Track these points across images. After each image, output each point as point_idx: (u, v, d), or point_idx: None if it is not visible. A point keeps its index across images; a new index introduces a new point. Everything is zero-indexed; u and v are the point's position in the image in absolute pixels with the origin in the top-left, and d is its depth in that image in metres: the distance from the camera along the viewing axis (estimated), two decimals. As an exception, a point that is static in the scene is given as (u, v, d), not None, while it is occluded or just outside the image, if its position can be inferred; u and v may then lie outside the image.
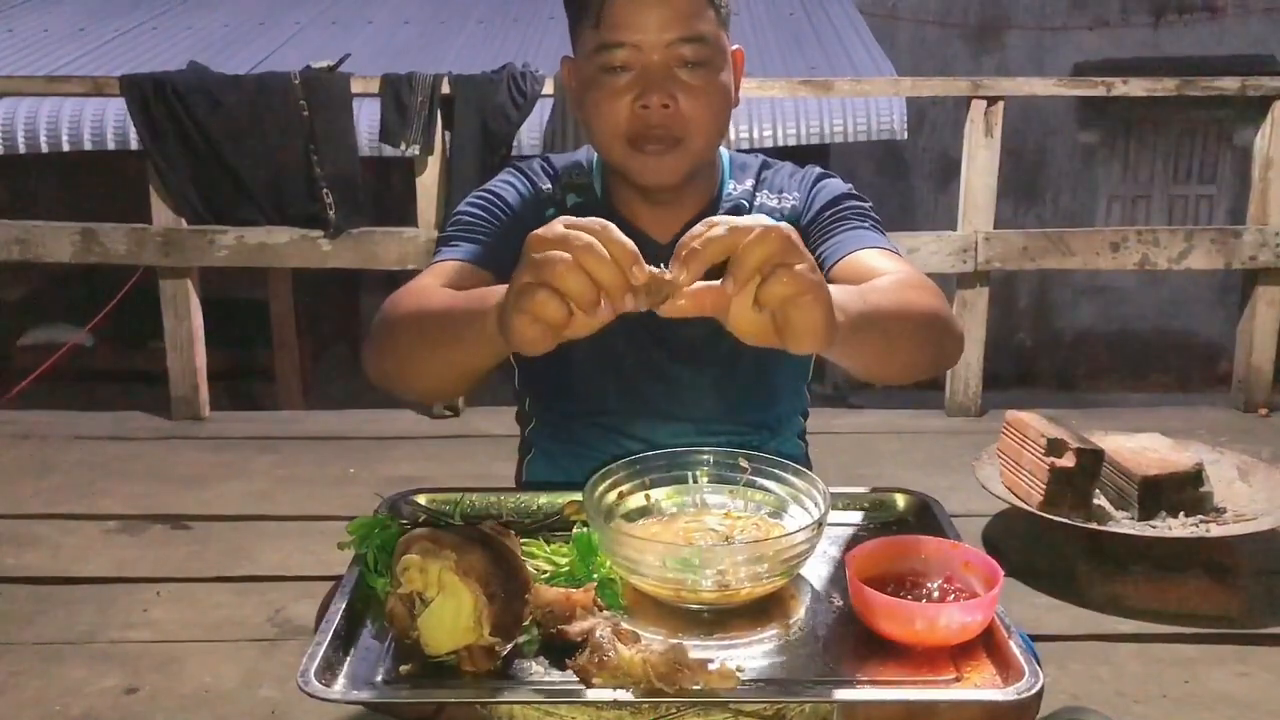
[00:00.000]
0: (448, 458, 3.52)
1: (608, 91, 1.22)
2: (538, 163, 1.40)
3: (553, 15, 6.56)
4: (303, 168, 3.71)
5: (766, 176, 1.40)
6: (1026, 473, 2.55)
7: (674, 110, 1.21)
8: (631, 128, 1.22)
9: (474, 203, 1.34)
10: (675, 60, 1.21)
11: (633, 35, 1.20)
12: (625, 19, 1.19)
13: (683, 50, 1.20)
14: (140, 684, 2.19)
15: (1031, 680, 0.87)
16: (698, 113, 1.22)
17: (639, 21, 1.19)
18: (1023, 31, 7.92)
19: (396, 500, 1.20)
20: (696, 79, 1.22)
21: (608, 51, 1.21)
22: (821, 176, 1.40)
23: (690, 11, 1.20)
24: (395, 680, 0.90)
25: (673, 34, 1.20)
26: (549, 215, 1.28)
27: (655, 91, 1.20)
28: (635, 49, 1.20)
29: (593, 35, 1.22)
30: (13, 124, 4.71)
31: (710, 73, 1.23)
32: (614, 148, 1.25)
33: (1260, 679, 2.20)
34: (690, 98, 1.21)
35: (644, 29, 1.19)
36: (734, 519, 1.13)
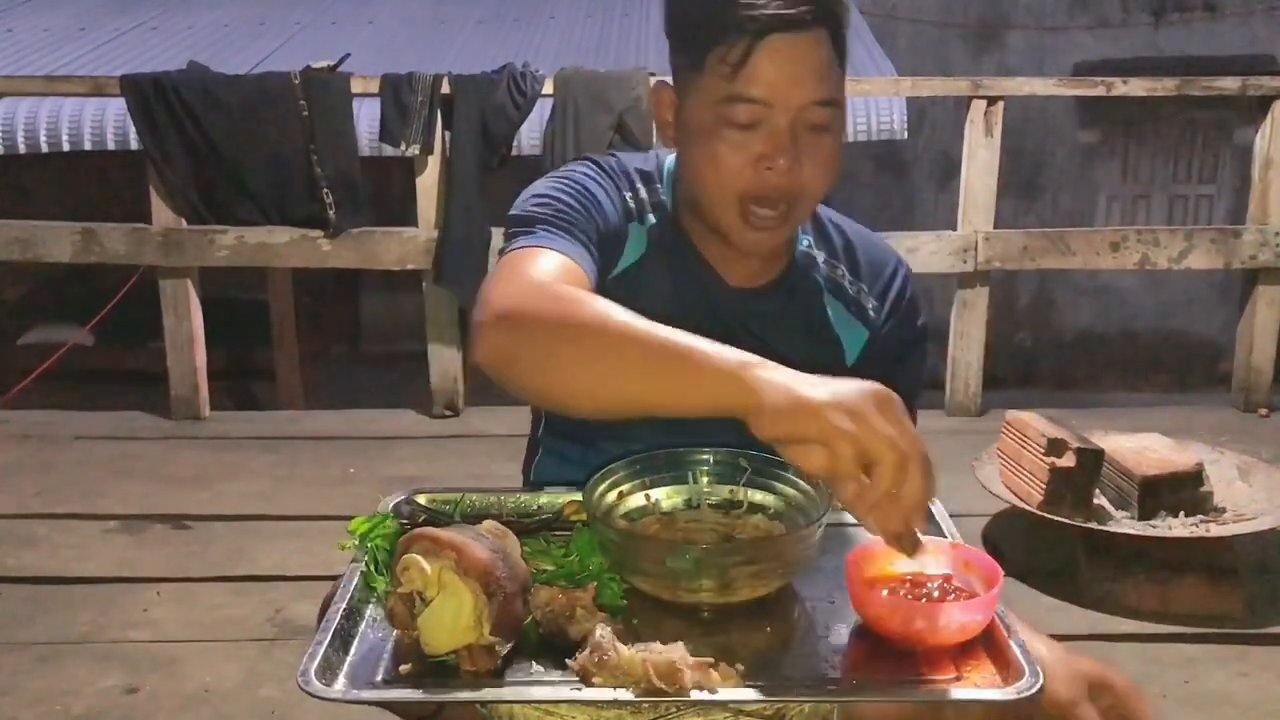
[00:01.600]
0: (448, 458, 3.52)
1: (732, 146, 1.16)
2: (615, 164, 1.32)
3: (553, 15, 6.56)
4: (303, 168, 3.71)
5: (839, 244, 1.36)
6: (1026, 473, 2.55)
7: (795, 175, 1.16)
8: (751, 188, 1.17)
9: (567, 192, 1.25)
10: (803, 122, 1.15)
11: (771, 94, 1.13)
12: (767, 76, 1.13)
13: (814, 115, 1.15)
14: (140, 684, 2.19)
15: (1031, 680, 0.87)
16: (815, 177, 1.18)
17: (781, 81, 1.13)
18: (1023, 31, 7.92)
19: (396, 500, 1.20)
20: (820, 143, 1.17)
21: (738, 105, 1.14)
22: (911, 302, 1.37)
23: (827, 74, 1.16)
24: (395, 680, 0.90)
25: (810, 98, 1.14)
26: (633, 231, 1.28)
27: (783, 155, 1.15)
28: (767, 107, 1.14)
29: (722, 84, 1.14)
30: (13, 124, 4.71)
31: (833, 137, 1.19)
32: (725, 204, 1.19)
33: (1260, 679, 2.20)
34: (811, 162, 1.17)
35: (784, 89, 1.13)
36: (734, 519, 1.13)
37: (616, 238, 1.27)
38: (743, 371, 0.92)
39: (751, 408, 0.91)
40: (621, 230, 1.27)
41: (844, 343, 1.34)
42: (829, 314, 1.34)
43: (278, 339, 6.02)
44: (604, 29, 6.26)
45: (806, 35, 1.13)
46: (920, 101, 6.73)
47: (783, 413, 0.89)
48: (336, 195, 3.72)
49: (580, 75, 3.80)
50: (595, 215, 1.24)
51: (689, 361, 0.95)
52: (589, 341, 1.00)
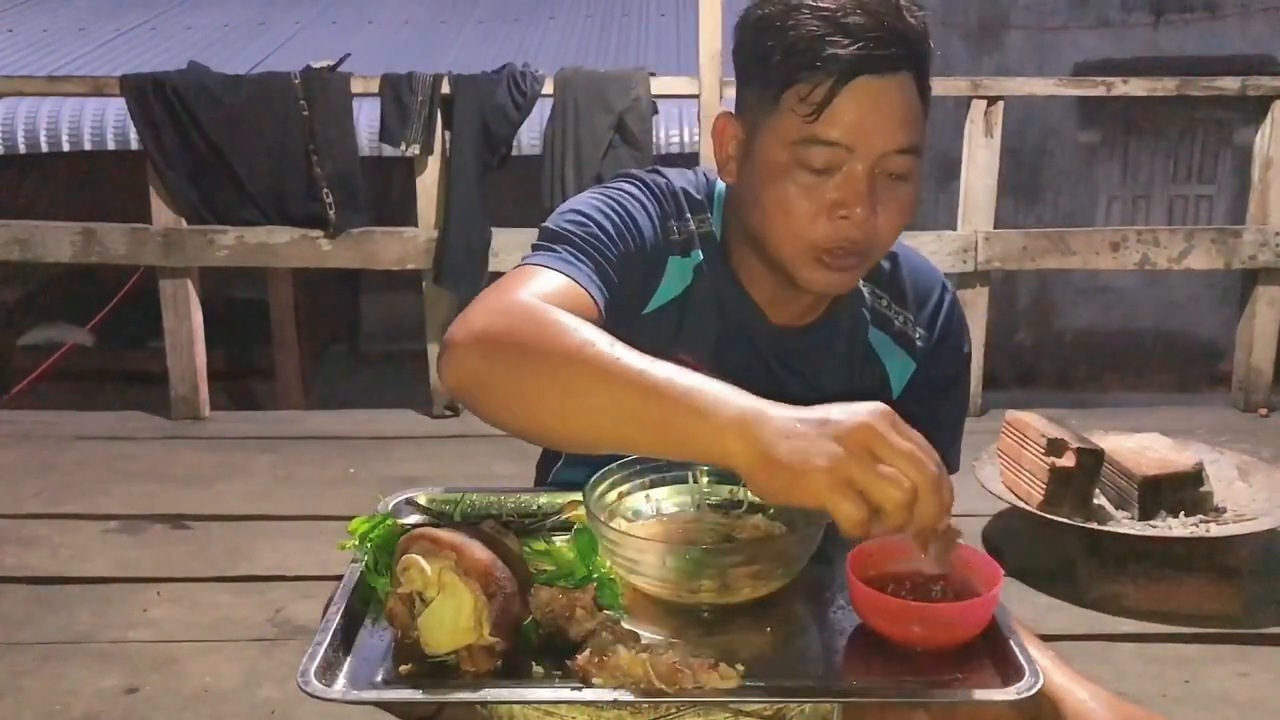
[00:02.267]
0: (448, 458, 3.52)
1: (805, 191, 1.09)
2: (666, 186, 1.24)
3: (553, 15, 6.56)
4: (303, 168, 3.71)
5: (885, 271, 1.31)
6: (1026, 473, 2.55)
7: (871, 224, 1.10)
8: (825, 237, 1.10)
9: (609, 215, 1.17)
10: (882, 169, 1.09)
11: (852, 139, 1.06)
12: (849, 119, 1.06)
13: (894, 162, 1.09)
14: (140, 684, 2.19)
15: (1031, 680, 0.87)
16: (890, 226, 1.12)
17: (864, 125, 1.06)
18: (1023, 31, 7.92)
19: (396, 500, 1.20)
20: (898, 192, 1.11)
21: (816, 148, 1.07)
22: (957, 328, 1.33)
23: (912, 121, 1.09)
24: (395, 680, 0.89)
25: (892, 145, 1.08)
26: (673, 264, 1.21)
27: (860, 204, 1.08)
28: (848, 151, 1.07)
29: (800, 124, 1.07)
30: (13, 124, 4.72)
31: (912, 186, 1.12)
32: (794, 249, 1.13)
33: (1260, 679, 2.20)
34: (888, 210, 1.11)
35: (866, 136, 1.06)
36: (734, 519, 1.13)
37: (652, 269, 1.21)
38: (735, 429, 0.85)
39: (743, 470, 0.85)
40: (659, 261, 1.21)
41: (890, 373, 1.31)
42: (873, 345, 1.30)
43: (278, 339, 6.02)
44: (604, 29, 6.26)
45: (893, 78, 1.07)
46: (920, 101, 6.72)
47: (776, 481, 0.83)
48: (336, 195, 3.72)
49: (580, 75, 3.80)
50: (631, 243, 1.17)
51: (683, 408, 0.88)
52: (568, 372, 0.92)
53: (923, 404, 1.30)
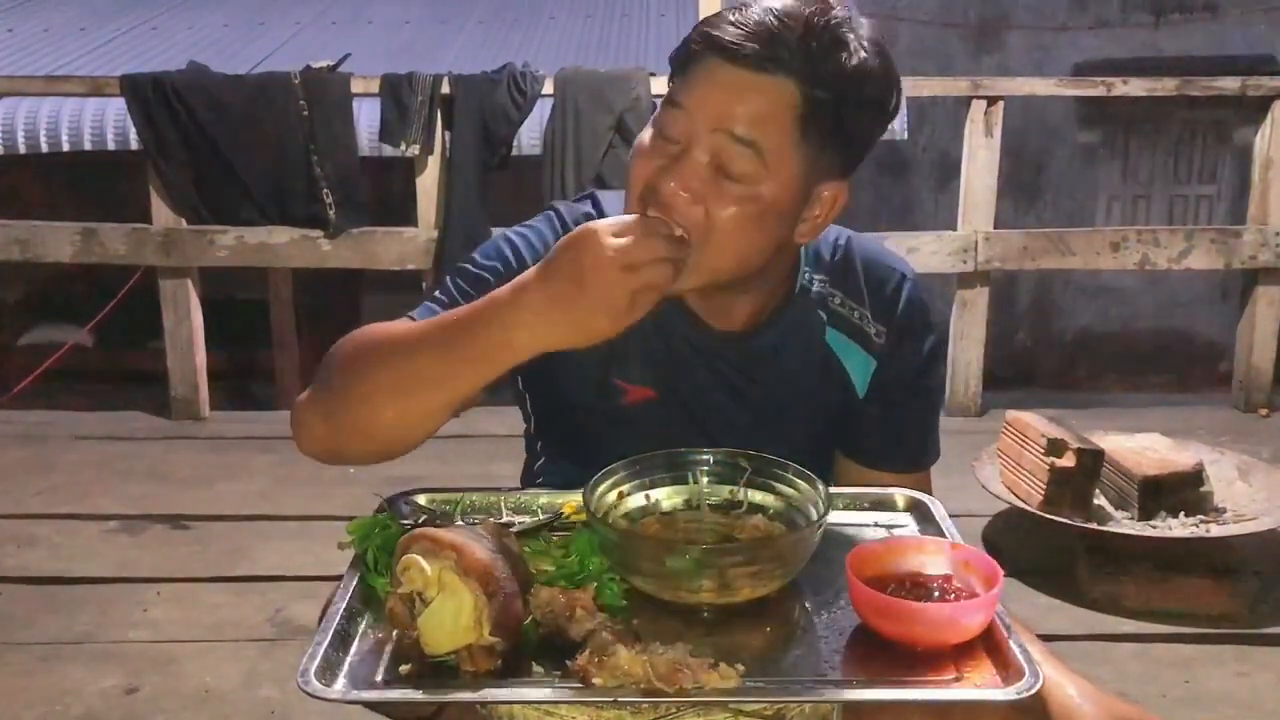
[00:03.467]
0: (448, 458, 3.49)
1: (648, 152, 1.11)
2: (585, 214, 1.25)
3: (553, 15, 6.56)
4: (303, 168, 3.71)
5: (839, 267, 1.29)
6: (1026, 473, 2.55)
7: (691, 210, 1.07)
8: (639, 197, 1.10)
9: (491, 262, 1.22)
10: (722, 159, 1.07)
11: (691, 105, 1.08)
12: (695, 89, 1.08)
13: (733, 152, 1.07)
14: (140, 684, 2.19)
15: (1031, 680, 0.87)
16: (721, 227, 1.08)
17: (705, 97, 1.08)
18: (1023, 31, 7.91)
19: (396, 500, 1.20)
20: (732, 192, 1.08)
21: (667, 108, 1.11)
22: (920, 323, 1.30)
23: (762, 115, 1.06)
24: (395, 680, 0.89)
25: (725, 125, 1.06)
26: None
27: (677, 177, 1.07)
28: (688, 119, 1.08)
29: (669, 87, 1.14)
30: (13, 124, 4.71)
31: (752, 195, 1.08)
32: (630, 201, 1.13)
33: (1260, 679, 2.20)
34: (718, 208, 1.07)
35: (704, 106, 1.07)
36: (734, 519, 1.13)
37: None
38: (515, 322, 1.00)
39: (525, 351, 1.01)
40: None
41: (851, 373, 1.29)
42: (831, 346, 1.28)
43: (278, 339, 6.01)
44: (604, 29, 6.26)
45: (755, 75, 1.06)
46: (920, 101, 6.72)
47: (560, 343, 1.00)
48: (336, 195, 3.72)
49: (580, 75, 3.80)
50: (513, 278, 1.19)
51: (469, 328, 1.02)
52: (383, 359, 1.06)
53: (890, 401, 1.30)
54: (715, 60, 1.08)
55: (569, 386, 1.27)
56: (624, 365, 1.25)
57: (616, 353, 1.23)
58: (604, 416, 1.27)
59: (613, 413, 1.26)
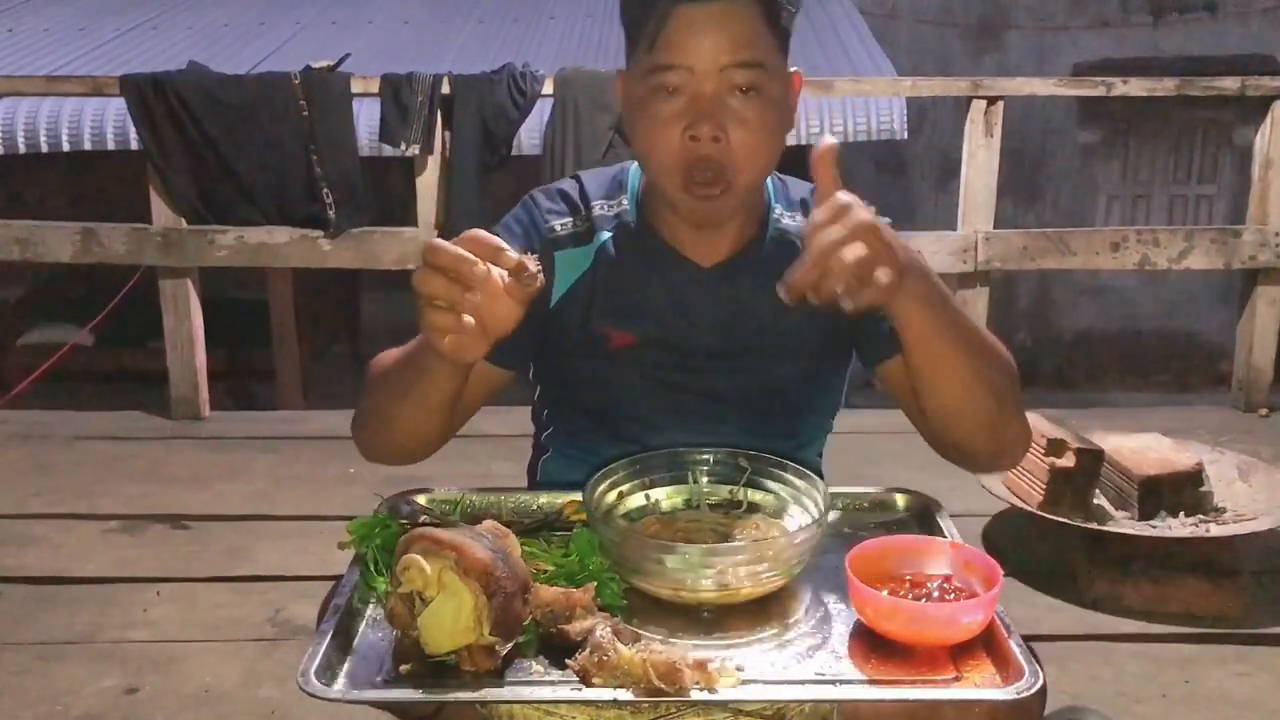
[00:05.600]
0: (448, 458, 3.48)
1: (658, 118, 1.16)
2: (560, 191, 1.34)
3: (553, 15, 6.56)
4: (303, 168, 3.71)
5: (808, 199, 1.33)
6: (1026, 473, 2.55)
7: (724, 144, 1.14)
8: (682, 159, 1.16)
9: None
10: (728, 87, 1.14)
11: (686, 59, 1.13)
12: (679, 41, 1.13)
13: (736, 76, 1.13)
14: (140, 684, 2.19)
15: (1031, 680, 0.87)
16: (749, 146, 1.16)
17: (693, 45, 1.13)
18: (1023, 31, 7.92)
19: (396, 500, 1.20)
20: (750, 108, 1.15)
21: (660, 74, 1.14)
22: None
23: (748, 36, 1.14)
24: (395, 680, 0.90)
25: (727, 59, 1.13)
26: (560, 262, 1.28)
27: (705, 122, 1.13)
28: (688, 73, 1.14)
29: (646, 57, 1.15)
30: (13, 124, 4.71)
31: (764, 101, 1.15)
32: (666, 180, 1.19)
33: (1260, 679, 2.20)
34: (742, 129, 1.15)
35: (698, 53, 1.13)
36: (734, 519, 1.13)
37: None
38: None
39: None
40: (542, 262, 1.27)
41: None
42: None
43: (278, 339, 6.01)
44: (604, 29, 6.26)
45: (723, 3, 1.12)
46: (920, 101, 6.73)
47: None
48: (336, 195, 3.72)
49: (580, 75, 3.80)
50: None
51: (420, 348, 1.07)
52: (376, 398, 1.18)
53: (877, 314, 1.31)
54: (684, 6, 1.12)
55: (558, 339, 1.30)
56: (604, 313, 1.28)
57: (596, 301, 1.28)
58: (593, 365, 1.29)
59: (601, 360, 1.29)
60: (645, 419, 1.29)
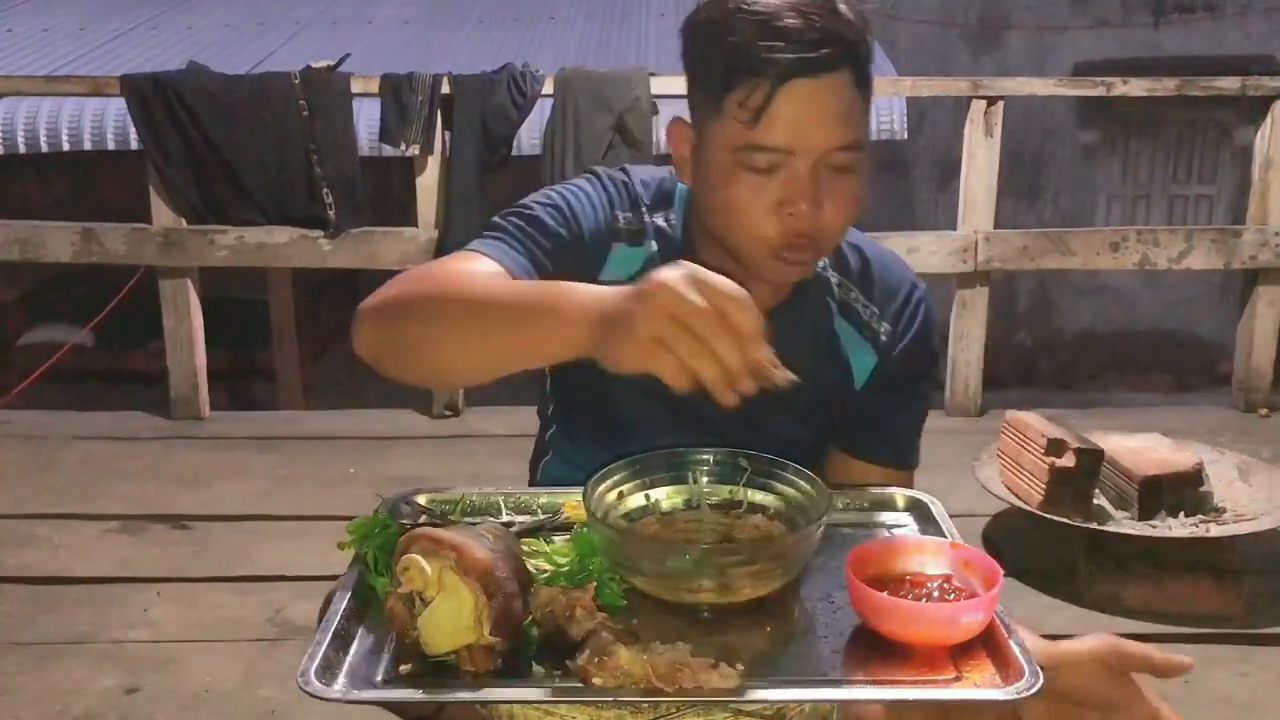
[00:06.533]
0: (448, 458, 3.52)
1: (752, 193, 1.12)
2: (622, 181, 1.29)
3: (553, 15, 6.56)
4: (303, 168, 3.71)
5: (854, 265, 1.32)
6: (1026, 473, 2.55)
7: (818, 216, 1.12)
8: (775, 233, 1.13)
9: (547, 206, 1.24)
10: (825, 164, 1.11)
11: (791, 141, 1.09)
12: (787, 123, 1.08)
13: (837, 159, 1.11)
14: (140, 684, 2.19)
15: (1031, 680, 0.87)
16: (838, 216, 1.14)
17: (802, 130, 1.09)
18: (1023, 31, 7.91)
19: (396, 500, 1.20)
20: (845, 184, 1.13)
21: (758, 153, 1.10)
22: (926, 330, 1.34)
23: (849, 113, 1.11)
24: (395, 680, 0.89)
25: (833, 143, 1.10)
26: (615, 254, 1.25)
27: (804, 200, 1.10)
28: (788, 154, 1.10)
29: (740, 129, 1.10)
30: (13, 124, 4.71)
31: (857, 177, 1.14)
32: (753, 247, 1.16)
33: (1260, 679, 2.20)
34: (836, 202, 1.13)
35: (806, 138, 1.09)
36: (734, 519, 1.13)
37: (593, 255, 1.24)
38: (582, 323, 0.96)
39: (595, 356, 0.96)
40: (601, 249, 1.24)
41: (853, 366, 1.32)
42: (838, 335, 1.31)
43: (278, 339, 6.01)
44: (604, 29, 6.26)
45: (830, 78, 1.08)
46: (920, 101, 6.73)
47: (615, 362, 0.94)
48: (336, 195, 3.72)
49: (580, 75, 3.80)
50: (567, 232, 1.22)
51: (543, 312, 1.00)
52: (453, 310, 1.06)
53: (884, 400, 1.32)
54: (797, 84, 1.07)
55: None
56: None
57: None
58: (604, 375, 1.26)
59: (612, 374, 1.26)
60: (644, 437, 1.26)
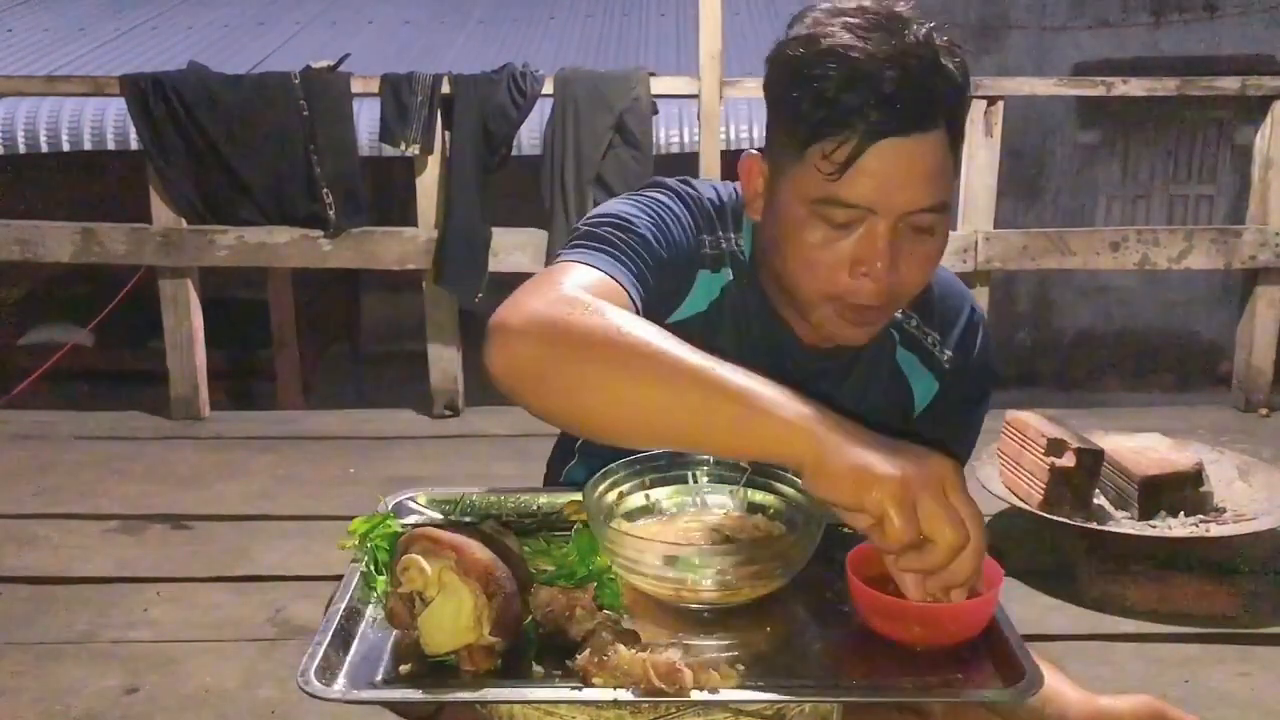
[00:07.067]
0: (448, 458, 3.52)
1: (825, 247, 1.06)
2: (695, 198, 1.21)
3: (553, 15, 6.56)
4: (303, 168, 3.72)
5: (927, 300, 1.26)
6: (1026, 473, 2.55)
7: (891, 279, 1.05)
8: (845, 290, 1.07)
9: (647, 222, 1.14)
10: (906, 224, 1.04)
11: (874, 200, 1.02)
12: (872, 183, 1.01)
13: (919, 220, 1.04)
14: (140, 684, 2.19)
15: (1031, 680, 0.87)
16: (913, 279, 1.08)
17: (887, 189, 1.01)
18: (1023, 31, 7.91)
19: (396, 500, 1.20)
20: (922, 245, 1.06)
21: (837, 209, 1.04)
22: (986, 353, 1.30)
23: (937, 174, 1.03)
24: (395, 680, 0.89)
25: (916, 205, 1.03)
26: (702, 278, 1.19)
27: (881, 260, 1.04)
28: (869, 212, 1.03)
29: (820, 181, 1.03)
30: (13, 124, 4.72)
31: (938, 239, 1.08)
32: (813, 300, 1.10)
33: (1260, 679, 2.20)
34: (910, 265, 1.06)
35: (890, 197, 1.02)
36: (734, 519, 1.13)
37: (682, 279, 1.18)
38: (806, 424, 0.87)
39: (809, 465, 0.87)
40: (690, 273, 1.19)
41: (915, 392, 1.29)
42: (900, 365, 1.28)
43: (278, 339, 6.01)
44: (604, 29, 6.26)
45: (925, 138, 1.01)
46: (920, 101, 6.72)
47: (843, 479, 0.86)
48: (336, 195, 3.72)
49: (580, 75, 3.80)
50: (665, 252, 1.14)
51: (749, 404, 0.88)
52: (634, 365, 0.91)
53: (940, 425, 1.29)
54: (888, 142, 1.00)
55: None
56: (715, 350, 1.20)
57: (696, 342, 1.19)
58: None
59: None
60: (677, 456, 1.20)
